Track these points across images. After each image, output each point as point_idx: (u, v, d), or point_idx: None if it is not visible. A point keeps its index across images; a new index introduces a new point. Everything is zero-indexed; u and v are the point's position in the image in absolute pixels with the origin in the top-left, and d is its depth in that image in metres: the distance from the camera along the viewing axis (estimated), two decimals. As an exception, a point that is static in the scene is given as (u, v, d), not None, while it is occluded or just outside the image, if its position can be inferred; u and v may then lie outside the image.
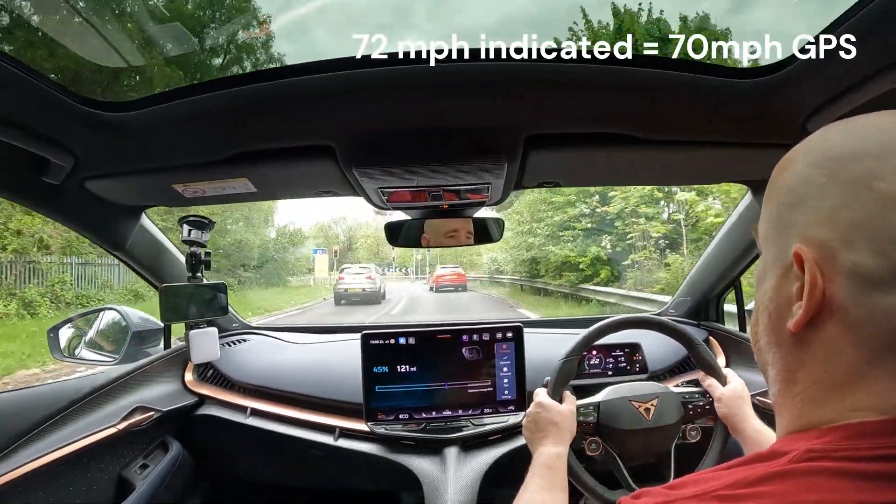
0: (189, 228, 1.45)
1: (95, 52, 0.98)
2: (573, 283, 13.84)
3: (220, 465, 1.70)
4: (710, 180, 1.44)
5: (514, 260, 17.93)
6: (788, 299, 0.41)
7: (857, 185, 0.38)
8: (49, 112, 0.91)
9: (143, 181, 1.22)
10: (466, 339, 1.46)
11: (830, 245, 0.38)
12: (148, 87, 4.96)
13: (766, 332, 0.45)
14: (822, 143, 0.42)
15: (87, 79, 1.69)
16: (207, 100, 0.93)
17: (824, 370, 0.40)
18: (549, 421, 1.05)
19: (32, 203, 1.18)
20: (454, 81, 0.89)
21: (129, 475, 1.33)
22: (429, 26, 3.91)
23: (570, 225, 14.74)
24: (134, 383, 1.41)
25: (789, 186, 0.43)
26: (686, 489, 0.40)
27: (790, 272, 0.41)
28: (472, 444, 1.42)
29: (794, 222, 0.41)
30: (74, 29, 0.88)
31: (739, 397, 1.10)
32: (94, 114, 0.94)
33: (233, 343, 1.73)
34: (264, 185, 1.24)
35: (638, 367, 1.55)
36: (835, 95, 0.83)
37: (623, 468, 1.11)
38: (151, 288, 1.58)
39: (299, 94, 0.92)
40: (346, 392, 1.50)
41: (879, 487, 0.34)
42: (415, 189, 1.22)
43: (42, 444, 1.11)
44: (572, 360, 1.17)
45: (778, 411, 0.45)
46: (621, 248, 13.83)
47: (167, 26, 1.46)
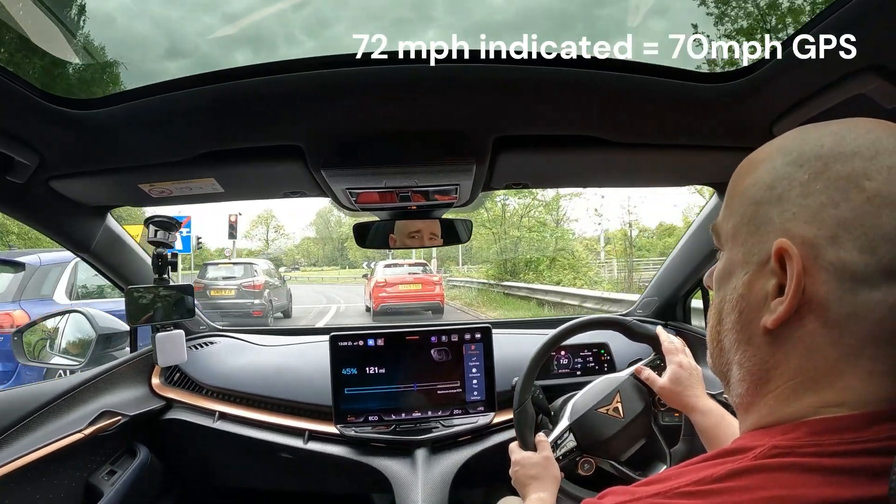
0: (155, 229, 1.43)
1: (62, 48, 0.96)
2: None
3: (190, 470, 1.68)
4: (677, 182, 1.47)
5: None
6: (763, 296, 0.41)
7: (846, 183, 0.38)
8: (12, 108, 0.89)
9: (109, 181, 1.20)
10: (435, 340, 1.47)
11: (815, 242, 0.38)
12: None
13: (733, 331, 0.45)
14: (802, 143, 0.42)
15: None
16: (176, 98, 0.92)
17: (800, 367, 0.40)
18: (528, 476, 1.05)
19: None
20: (423, 83, 0.90)
21: (96, 481, 1.30)
22: (450, 20, 3.85)
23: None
24: (100, 387, 1.38)
25: (765, 183, 0.42)
26: (651, 486, 0.40)
27: (765, 268, 0.41)
28: (441, 445, 1.43)
29: (772, 219, 0.41)
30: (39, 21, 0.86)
31: (678, 384, 1.05)
32: (59, 111, 0.92)
33: (200, 346, 1.70)
34: (231, 185, 1.24)
35: (606, 366, 1.57)
36: (801, 100, 0.85)
37: (622, 468, 1.11)
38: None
39: (268, 94, 0.92)
40: (314, 394, 1.49)
41: (845, 482, 0.35)
42: (383, 190, 1.22)
43: (7, 451, 1.08)
44: (525, 404, 1.15)
45: (744, 410, 0.45)
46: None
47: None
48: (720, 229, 0.48)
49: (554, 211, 19.16)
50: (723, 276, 0.47)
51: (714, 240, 0.50)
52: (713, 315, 0.49)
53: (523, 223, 18.21)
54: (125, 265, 1.55)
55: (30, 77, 0.88)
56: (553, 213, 18.94)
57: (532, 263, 16.09)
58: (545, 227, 17.96)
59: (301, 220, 75.42)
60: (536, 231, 17.61)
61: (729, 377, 0.47)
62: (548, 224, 18.34)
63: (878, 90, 0.75)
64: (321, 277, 37.33)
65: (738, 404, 0.46)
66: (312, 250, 53.77)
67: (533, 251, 16.63)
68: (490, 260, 18.13)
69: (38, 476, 1.16)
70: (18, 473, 1.09)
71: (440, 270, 22.77)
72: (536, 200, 18.55)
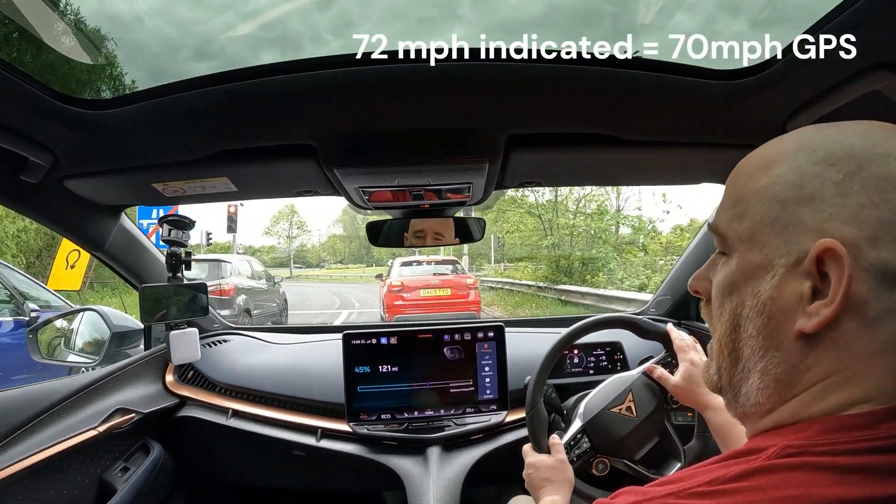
0: (169, 228, 1.44)
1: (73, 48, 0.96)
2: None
3: (203, 467, 1.69)
4: (690, 181, 1.46)
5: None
6: (796, 299, 0.40)
7: (885, 184, 0.38)
8: (27, 109, 0.89)
9: (122, 180, 1.21)
10: (448, 338, 1.47)
11: (856, 242, 0.38)
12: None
13: (758, 338, 0.43)
14: (829, 143, 0.41)
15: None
16: (188, 98, 0.92)
17: (832, 368, 0.39)
18: (542, 479, 1.05)
19: (10, 202, 1.16)
20: (435, 82, 0.89)
21: (109, 478, 1.31)
22: (473, 16, 3.87)
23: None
24: (114, 385, 1.39)
25: (791, 182, 0.41)
26: (664, 487, 0.40)
27: (796, 271, 0.40)
28: (454, 443, 1.43)
29: (804, 219, 0.40)
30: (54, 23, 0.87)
31: (690, 381, 1.04)
32: (73, 111, 0.93)
33: (213, 344, 1.71)
34: (244, 184, 1.24)
35: (619, 364, 1.56)
36: (815, 97, 0.84)
37: (636, 467, 1.11)
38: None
39: (281, 93, 0.92)
40: (327, 392, 1.50)
41: (858, 481, 0.34)
42: (396, 189, 1.22)
43: (21, 447, 1.09)
44: (538, 405, 1.15)
45: (760, 416, 0.44)
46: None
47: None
48: (727, 231, 0.46)
49: (613, 197, 15.37)
50: (734, 281, 0.45)
51: (717, 243, 0.48)
52: (725, 323, 0.46)
53: (579, 210, 14.86)
54: (139, 263, 1.56)
55: (43, 77, 0.88)
56: (611, 199, 15.07)
57: (595, 262, 13.00)
58: (608, 217, 14.38)
59: (327, 217, 74.51)
60: (596, 220, 14.00)
61: (741, 388, 0.45)
62: (609, 213, 14.64)
63: (891, 87, 0.75)
64: (344, 276, 36.47)
65: (751, 413, 0.45)
66: (338, 248, 53.68)
67: (595, 246, 13.52)
68: (536, 256, 15.00)
69: (52, 472, 1.17)
70: (33, 469, 1.09)
71: (471, 269, 18.92)
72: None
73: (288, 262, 44.08)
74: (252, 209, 38.92)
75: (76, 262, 8.59)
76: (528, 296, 12.71)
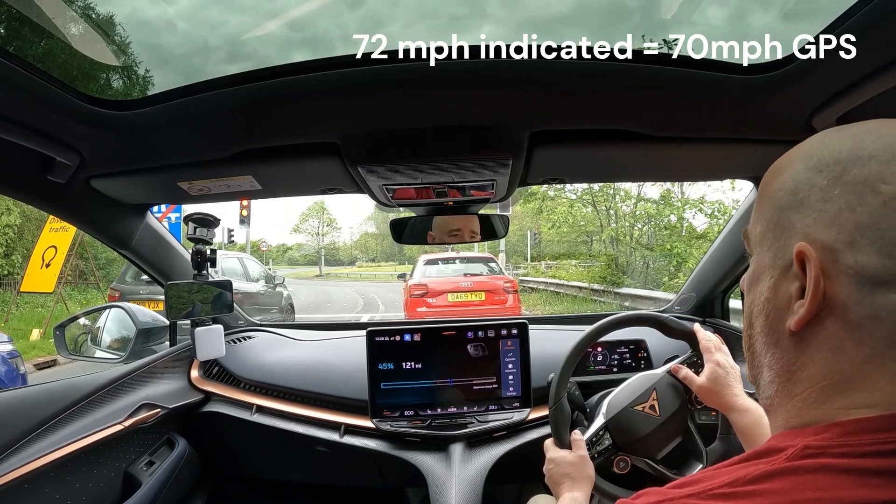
0: (195, 226, 1.46)
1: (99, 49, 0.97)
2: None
3: (226, 462, 1.71)
4: (715, 177, 1.44)
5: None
6: (788, 299, 0.42)
7: (862, 188, 0.39)
8: (54, 111, 0.90)
9: (148, 179, 1.22)
10: (471, 335, 1.47)
11: (834, 246, 0.39)
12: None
13: (762, 334, 0.46)
14: (822, 148, 0.43)
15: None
16: (213, 98, 0.93)
17: (827, 369, 0.40)
18: (563, 475, 1.05)
19: (38, 201, 1.18)
20: (458, 79, 0.89)
21: (135, 472, 1.33)
22: (502, 13, 3.78)
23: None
24: (140, 380, 1.41)
25: (789, 189, 0.43)
26: (685, 488, 0.41)
27: (789, 272, 0.42)
28: (477, 440, 1.43)
29: (795, 224, 0.42)
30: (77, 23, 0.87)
31: (716, 383, 1.04)
32: (99, 112, 0.94)
33: (238, 340, 1.73)
34: (269, 182, 1.24)
35: (643, 363, 1.55)
36: (839, 91, 0.83)
37: (657, 466, 1.11)
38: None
39: (304, 91, 0.92)
40: (351, 389, 1.51)
41: (878, 484, 0.34)
42: (419, 186, 1.21)
43: (49, 441, 1.12)
44: (561, 401, 1.15)
45: (773, 411, 0.46)
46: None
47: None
48: (750, 234, 0.49)
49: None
50: (752, 280, 0.48)
51: (745, 245, 0.51)
52: (746, 319, 0.50)
53: (640, 196, 12.04)
54: (165, 261, 1.58)
55: (70, 79, 0.89)
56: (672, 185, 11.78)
57: (672, 259, 10.54)
58: (671, 208, 11.48)
59: (359, 214, 74.17)
60: (669, 207, 11.32)
61: (759, 380, 0.47)
62: (672, 204, 11.61)
63: None
64: (374, 274, 35.83)
65: (767, 406, 0.47)
66: (370, 245, 53.66)
67: (661, 240, 11.29)
68: (574, 253, 13.07)
69: (79, 466, 1.19)
70: (60, 463, 1.12)
71: (507, 268, 16.12)
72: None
73: (318, 260, 44.21)
74: (279, 206, 38.79)
75: (52, 259, 8.16)
76: (579, 299, 10.97)
